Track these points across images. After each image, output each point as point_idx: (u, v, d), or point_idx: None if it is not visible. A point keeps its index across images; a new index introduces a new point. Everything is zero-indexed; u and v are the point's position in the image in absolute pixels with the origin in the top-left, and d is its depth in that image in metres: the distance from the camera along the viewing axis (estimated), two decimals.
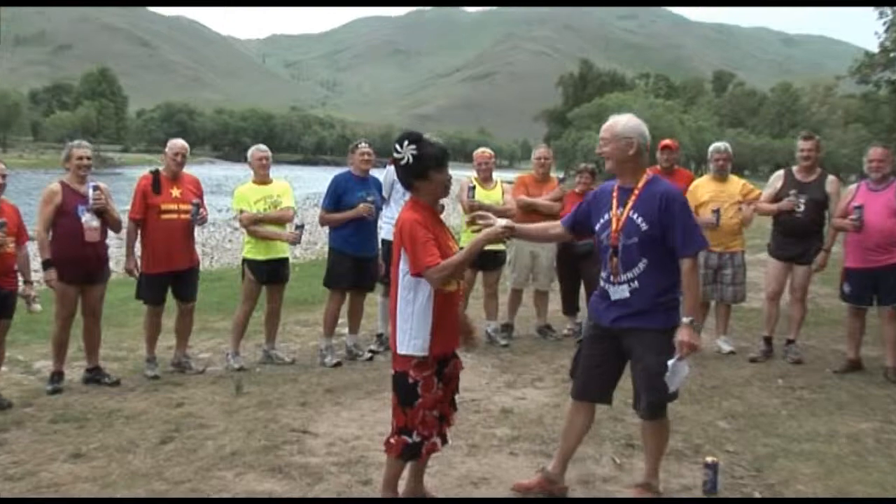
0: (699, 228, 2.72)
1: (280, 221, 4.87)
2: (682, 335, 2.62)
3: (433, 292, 2.59)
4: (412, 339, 2.62)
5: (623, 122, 2.78)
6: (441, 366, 2.67)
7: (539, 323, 5.87)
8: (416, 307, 2.61)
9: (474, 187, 5.25)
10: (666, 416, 2.82)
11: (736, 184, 5.32)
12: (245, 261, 4.92)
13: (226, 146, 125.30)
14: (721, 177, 5.29)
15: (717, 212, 5.13)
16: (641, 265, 2.69)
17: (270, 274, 4.91)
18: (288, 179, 5.52)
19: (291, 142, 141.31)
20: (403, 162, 2.58)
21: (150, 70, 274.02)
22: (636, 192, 2.74)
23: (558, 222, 3.05)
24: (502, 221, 2.66)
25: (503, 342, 5.52)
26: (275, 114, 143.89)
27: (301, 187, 31.43)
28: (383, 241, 5.26)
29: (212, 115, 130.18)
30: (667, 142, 5.74)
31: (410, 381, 2.63)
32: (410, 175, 2.61)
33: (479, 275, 5.63)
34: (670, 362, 2.65)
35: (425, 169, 2.59)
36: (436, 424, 2.66)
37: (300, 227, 4.76)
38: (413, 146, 2.58)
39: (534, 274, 5.77)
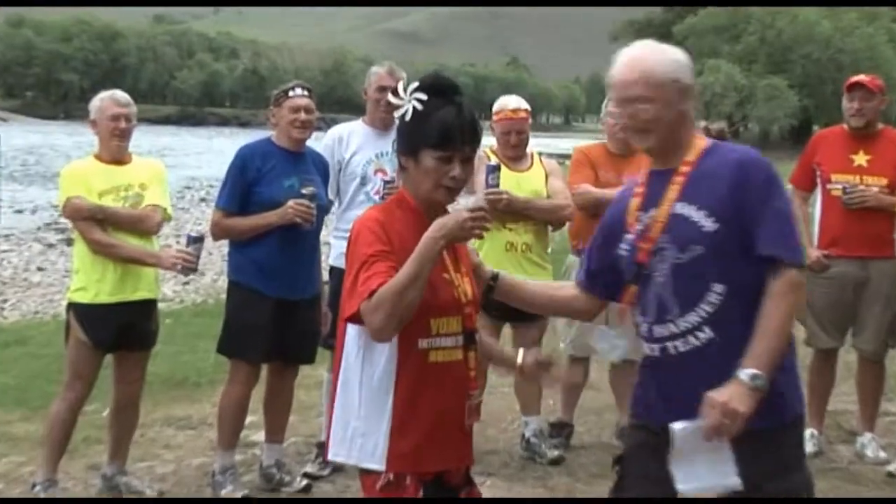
0: (796, 230, 2.80)
1: (137, 229, 4.97)
2: (719, 394, 2.62)
3: (396, 357, 2.72)
4: (357, 435, 2.75)
5: (657, 57, 2.91)
6: (436, 491, 2.77)
7: (621, 420, 5.92)
8: (366, 379, 2.75)
9: (498, 168, 5.35)
10: None
11: None
12: (73, 307, 5.00)
13: (28, 90, 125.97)
14: None
15: None
16: (715, 297, 2.76)
17: (122, 331, 4.97)
18: (154, 154, 5.63)
19: (155, 82, 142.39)
20: (399, 114, 2.79)
21: None
22: (684, 170, 2.86)
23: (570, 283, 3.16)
24: (471, 199, 2.76)
25: (553, 454, 5.61)
26: (123, 29, 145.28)
27: (174, 167, 31.66)
28: (332, 269, 5.32)
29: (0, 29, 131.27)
30: (859, 78, 5.83)
31: None
32: (400, 141, 2.83)
33: (507, 331, 5.71)
34: (678, 426, 2.67)
35: (416, 141, 2.75)
36: None
37: (196, 241, 4.83)
38: (421, 95, 2.76)
39: (609, 327, 5.83)
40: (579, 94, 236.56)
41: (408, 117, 2.76)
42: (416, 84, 2.78)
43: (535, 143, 5.98)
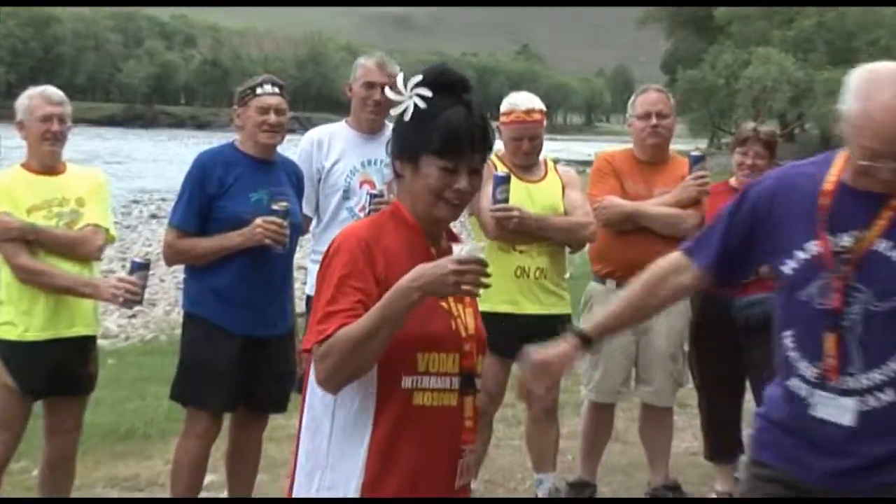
0: None
1: (74, 254, 4.98)
2: None
3: (375, 396, 2.71)
4: (323, 489, 2.74)
5: None
6: None
7: (654, 479, 5.92)
8: (338, 421, 2.75)
9: (507, 179, 5.36)
10: None
11: None
12: None
13: None
14: None
15: None
16: None
17: (55, 374, 4.96)
18: (95, 162, 5.65)
19: (96, 75, 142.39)
20: (397, 112, 2.79)
21: None
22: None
23: (676, 258, 3.19)
24: (466, 247, 2.69)
25: None
26: (58, 12, 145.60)
27: (119, 178, 31.67)
28: (309, 300, 5.33)
29: None
30: None
31: None
32: (397, 144, 2.82)
33: (515, 371, 5.70)
34: None
35: (417, 146, 2.75)
36: None
37: (141, 268, 4.83)
38: (423, 90, 2.76)
39: (639, 370, 5.85)
40: (602, 89, 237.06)
41: (407, 117, 2.76)
42: (419, 77, 2.77)
43: (550, 148, 5.97)
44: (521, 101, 5.53)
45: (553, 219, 5.42)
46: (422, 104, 2.74)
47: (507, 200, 5.23)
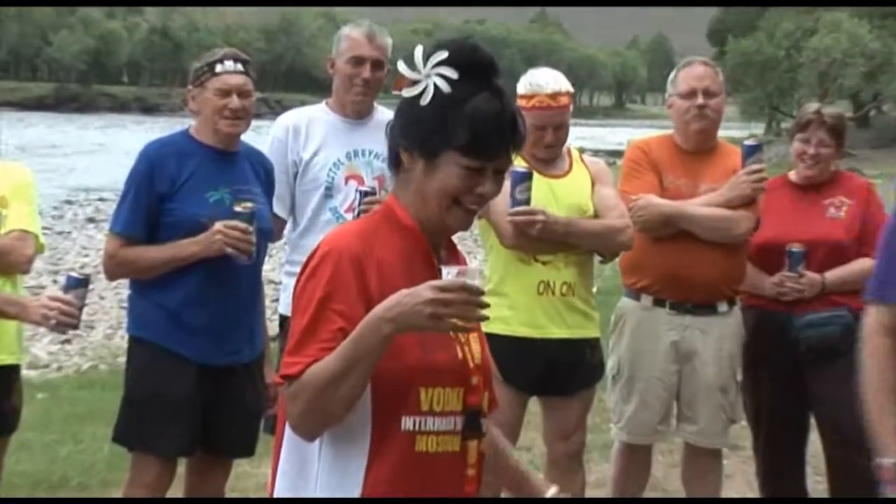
0: None
1: None
2: None
3: (370, 440, 2.72)
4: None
5: None
6: None
7: None
8: (324, 468, 2.76)
9: (529, 176, 5.32)
10: None
11: None
12: None
13: None
14: None
15: None
16: None
17: None
18: (19, 154, 5.66)
19: (21, 51, 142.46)
20: (411, 94, 2.77)
21: None
22: None
23: (879, 323, 3.20)
24: (454, 270, 2.67)
25: None
26: None
27: (49, 173, 31.78)
28: (284, 320, 5.33)
29: None
30: None
31: None
32: (410, 132, 2.79)
33: (533, 405, 5.74)
34: None
35: (439, 138, 2.73)
36: None
37: (78, 285, 4.80)
38: (448, 70, 2.73)
39: (682, 404, 5.85)
40: (637, 64, 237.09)
41: (426, 100, 2.73)
42: (443, 54, 2.74)
43: (574, 135, 5.92)
44: (544, 81, 5.39)
45: (583, 222, 5.35)
46: (445, 87, 2.72)
47: (528, 201, 5.16)
